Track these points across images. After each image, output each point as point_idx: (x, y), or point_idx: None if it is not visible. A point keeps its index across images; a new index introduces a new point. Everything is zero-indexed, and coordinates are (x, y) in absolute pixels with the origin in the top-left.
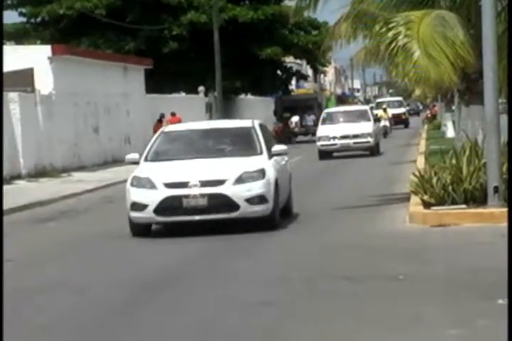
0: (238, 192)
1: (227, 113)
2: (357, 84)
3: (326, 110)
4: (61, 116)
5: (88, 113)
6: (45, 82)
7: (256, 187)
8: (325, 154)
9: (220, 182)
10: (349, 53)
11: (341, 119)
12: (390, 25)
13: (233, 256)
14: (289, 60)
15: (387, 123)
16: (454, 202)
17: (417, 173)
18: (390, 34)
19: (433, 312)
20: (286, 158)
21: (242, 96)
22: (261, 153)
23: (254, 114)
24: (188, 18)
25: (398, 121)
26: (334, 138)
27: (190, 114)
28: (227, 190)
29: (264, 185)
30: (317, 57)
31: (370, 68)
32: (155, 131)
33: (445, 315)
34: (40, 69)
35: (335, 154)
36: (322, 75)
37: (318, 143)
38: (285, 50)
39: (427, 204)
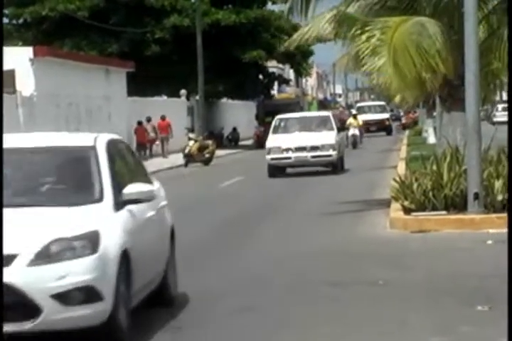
0: (39, 282)
1: (208, 117)
2: (339, 90)
3: (279, 116)
4: (42, 118)
5: (70, 115)
6: (26, 83)
7: (76, 271)
8: (275, 170)
9: (6, 261)
10: (331, 58)
11: (297, 128)
12: (366, 28)
13: None
14: (272, 65)
15: (357, 132)
16: (434, 208)
17: (397, 179)
18: (364, 37)
19: (414, 318)
20: (162, 203)
21: (224, 100)
22: (100, 198)
23: (236, 117)
24: (171, 21)
25: (381, 127)
26: (288, 150)
27: (172, 117)
28: (15, 276)
29: (95, 267)
30: (300, 62)
31: (352, 74)
32: (136, 135)
33: (426, 320)
34: (22, 71)
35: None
36: (304, 80)
37: (268, 157)
38: (268, 54)
39: (407, 210)
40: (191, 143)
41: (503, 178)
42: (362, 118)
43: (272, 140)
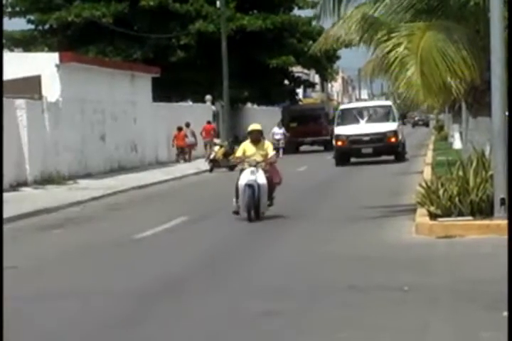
0: None
1: (234, 122)
2: (364, 95)
3: None
4: (68, 124)
5: (95, 120)
6: (52, 89)
7: None
8: None
9: None
10: (357, 63)
11: None
12: (392, 35)
13: None
14: (297, 70)
15: (262, 179)
16: (460, 214)
17: (423, 184)
18: (390, 43)
19: (438, 323)
20: None
21: (249, 105)
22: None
23: (261, 123)
24: (196, 27)
25: (381, 148)
26: None
27: (197, 122)
28: None
29: None
30: (325, 67)
31: (378, 79)
32: (176, 139)
33: (450, 326)
34: (48, 77)
35: None
36: (329, 85)
37: None
38: (295, 59)
39: (433, 216)
40: (216, 148)
41: None
42: (349, 131)
43: None
